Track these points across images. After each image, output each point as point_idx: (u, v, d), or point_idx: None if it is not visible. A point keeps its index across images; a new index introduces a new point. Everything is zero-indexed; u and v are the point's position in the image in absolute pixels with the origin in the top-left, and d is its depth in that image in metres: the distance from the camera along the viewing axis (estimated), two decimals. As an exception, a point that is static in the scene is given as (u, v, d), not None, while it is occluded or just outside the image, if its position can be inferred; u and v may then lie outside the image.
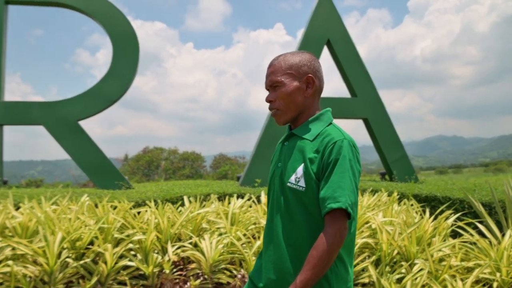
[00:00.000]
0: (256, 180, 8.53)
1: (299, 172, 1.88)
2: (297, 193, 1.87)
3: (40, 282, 4.01)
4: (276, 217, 1.96)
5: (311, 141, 1.91)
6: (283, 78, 1.94)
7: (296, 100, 1.94)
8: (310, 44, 9.66)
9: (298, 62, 1.96)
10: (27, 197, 5.86)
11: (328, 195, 1.76)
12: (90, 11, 8.82)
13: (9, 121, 8.27)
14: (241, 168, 34.33)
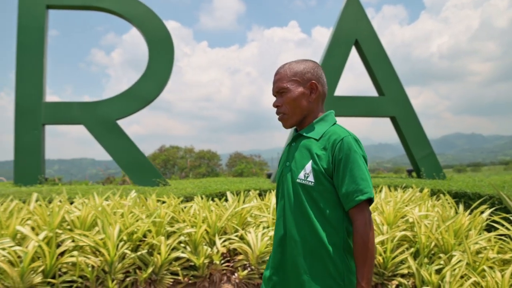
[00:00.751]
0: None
1: (308, 169, 1.99)
2: (306, 188, 1.99)
3: (102, 272, 4.29)
4: (287, 213, 2.06)
5: (317, 140, 2.04)
6: (289, 85, 2.09)
7: (301, 105, 2.09)
8: (339, 44, 9.89)
9: (302, 70, 2.11)
10: (80, 192, 6.18)
11: (353, 189, 1.89)
12: (128, 15, 9.14)
13: (50, 121, 8.61)
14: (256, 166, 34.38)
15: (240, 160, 37.88)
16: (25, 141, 8.43)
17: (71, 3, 8.99)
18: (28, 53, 8.69)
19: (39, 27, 8.80)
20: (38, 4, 8.84)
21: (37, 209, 4.82)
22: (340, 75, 9.93)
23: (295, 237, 2.00)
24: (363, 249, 1.87)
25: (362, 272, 1.87)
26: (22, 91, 8.54)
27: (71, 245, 4.36)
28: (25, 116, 8.48)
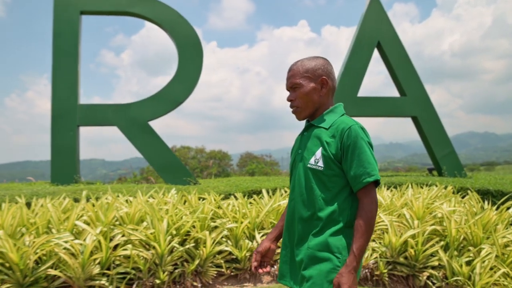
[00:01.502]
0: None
1: (318, 155, 2.15)
2: (316, 172, 2.15)
3: (153, 264, 4.59)
4: (297, 195, 2.24)
5: (327, 129, 2.18)
6: (301, 81, 2.23)
7: (313, 99, 2.23)
8: (362, 46, 10.18)
9: (313, 66, 2.25)
10: (124, 190, 6.50)
11: (361, 172, 2.05)
12: (158, 20, 9.46)
13: (85, 123, 8.96)
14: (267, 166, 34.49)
15: (251, 160, 37.95)
16: (61, 142, 8.77)
17: (104, 9, 9.33)
18: (63, 57, 9.04)
19: (74, 32, 9.15)
20: (72, 10, 9.19)
21: (89, 206, 5.14)
22: (363, 76, 10.21)
23: (303, 216, 2.19)
24: (365, 223, 2.01)
25: (358, 242, 2.00)
26: (57, 94, 8.89)
27: (123, 239, 4.66)
28: (60, 118, 8.83)
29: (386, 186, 7.84)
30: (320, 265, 2.10)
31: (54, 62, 8.99)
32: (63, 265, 4.21)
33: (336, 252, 2.09)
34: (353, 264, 1.99)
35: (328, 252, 2.09)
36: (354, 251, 2.00)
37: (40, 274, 4.11)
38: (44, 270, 4.11)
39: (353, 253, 2.00)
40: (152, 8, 9.46)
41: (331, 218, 2.11)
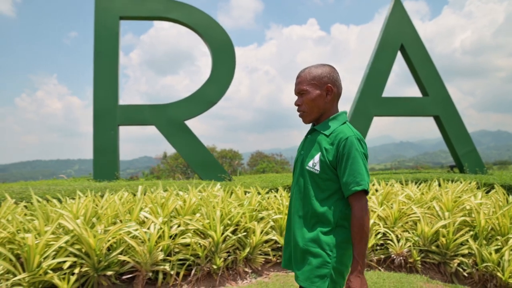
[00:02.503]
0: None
1: (316, 159, 2.34)
2: (312, 174, 2.34)
3: (210, 251, 5.03)
4: (296, 193, 2.45)
5: (327, 136, 2.36)
6: (308, 87, 2.39)
7: (319, 104, 2.40)
8: (385, 49, 10.62)
9: (320, 74, 2.40)
10: (176, 185, 6.99)
11: (351, 180, 2.22)
12: (193, 24, 9.95)
13: (125, 122, 9.46)
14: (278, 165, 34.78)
15: (261, 159, 38.22)
16: (102, 141, 9.27)
17: (141, 14, 9.81)
18: (103, 60, 9.54)
19: (113, 37, 9.65)
20: (112, 16, 9.69)
21: (146, 199, 5.62)
22: (387, 78, 10.65)
23: (299, 213, 2.39)
24: (359, 230, 2.18)
25: (358, 248, 2.18)
26: (99, 95, 9.39)
27: (179, 229, 5.10)
28: (102, 118, 9.33)
29: (412, 182, 8.26)
30: (312, 260, 2.29)
31: (95, 65, 9.48)
32: (132, 252, 4.65)
33: (327, 250, 2.27)
34: (358, 268, 2.16)
35: (319, 249, 2.28)
36: (356, 257, 2.18)
37: (112, 259, 4.56)
38: (115, 255, 4.56)
39: (355, 259, 2.18)
40: (187, 13, 9.94)
41: (323, 217, 2.30)
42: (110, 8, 9.65)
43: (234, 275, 5.15)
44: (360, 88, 10.71)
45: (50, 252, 4.24)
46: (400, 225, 5.79)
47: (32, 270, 4.09)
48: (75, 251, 4.39)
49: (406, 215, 5.96)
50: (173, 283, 4.84)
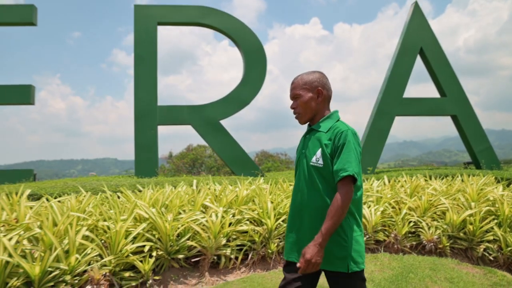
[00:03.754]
0: (368, 168, 10.25)
1: (318, 154, 2.55)
2: (317, 168, 2.54)
3: (264, 237, 5.63)
4: (303, 188, 2.61)
5: (325, 133, 2.59)
6: (301, 91, 2.67)
7: (311, 106, 2.66)
8: (406, 52, 11.30)
9: (311, 80, 2.68)
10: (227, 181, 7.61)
11: (340, 168, 2.42)
12: (227, 30, 10.63)
13: (164, 122, 10.12)
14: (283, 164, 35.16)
15: (266, 159, 38.53)
16: (143, 139, 9.94)
17: (178, 20, 10.49)
18: (143, 63, 10.20)
19: (152, 41, 10.32)
20: (151, 22, 10.35)
21: (204, 191, 6.24)
22: (407, 80, 11.31)
23: (310, 205, 2.54)
24: (335, 209, 2.34)
25: (327, 224, 2.35)
26: (139, 97, 10.05)
27: (237, 218, 5.70)
28: (142, 118, 9.99)
29: (435, 177, 8.90)
30: (330, 246, 2.44)
31: (135, 68, 10.15)
32: (198, 237, 5.24)
33: (342, 235, 2.47)
34: (319, 240, 2.34)
35: (335, 235, 2.46)
36: (322, 230, 2.35)
37: (182, 244, 5.15)
38: (184, 241, 5.16)
39: (321, 232, 2.35)
40: (221, 19, 10.62)
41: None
42: (149, 15, 10.32)
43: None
44: (382, 90, 11.35)
45: (130, 238, 4.83)
46: (429, 215, 6.40)
47: (117, 253, 4.67)
48: (151, 237, 4.99)
49: (434, 206, 6.57)
50: (232, 266, 5.41)
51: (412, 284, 4.78)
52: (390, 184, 7.87)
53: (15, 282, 3.96)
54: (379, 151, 11.10)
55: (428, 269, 5.29)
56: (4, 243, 4.04)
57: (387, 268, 5.31)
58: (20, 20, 10.34)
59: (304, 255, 2.36)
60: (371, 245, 6.11)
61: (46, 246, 4.34)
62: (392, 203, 6.64)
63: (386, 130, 11.06)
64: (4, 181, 9.42)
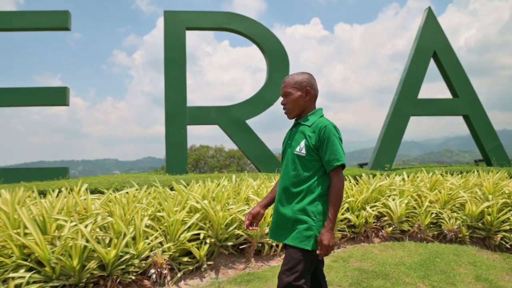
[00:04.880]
0: (385, 166, 10.84)
1: (302, 145, 2.86)
2: (300, 157, 2.85)
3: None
4: (286, 174, 2.94)
5: (309, 126, 2.88)
6: (291, 90, 2.95)
7: (299, 103, 2.95)
8: (420, 56, 11.91)
9: (300, 80, 2.95)
10: (261, 176, 8.15)
11: (332, 158, 2.74)
12: (251, 34, 11.26)
13: (193, 122, 10.72)
14: None
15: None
16: (174, 139, 10.54)
17: (205, 25, 11.13)
18: (172, 66, 10.80)
19: (181, 45, 10.94)
20: (179, 27, 10.97)
21: (244, 185, 6.80)
22: (422, 82, 11.93)
23: (290, 190, 2.86)
24: (336, 196, 2.71)
25: (332, 211, 2.70)
26: (170, 98, 10.66)
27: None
28: (173, 119, 10.58)
29: (450, 173, 9.48)
30: (300, 225, 2.77)
31: (165, 71, 10.75)
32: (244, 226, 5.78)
33: (312, 216, 2.75)
34: (330, 225, 2.68)
35: (306, 216, 2.77)
36: (329, 216, 2.70)
37: (230, 233, 5.67)
38: (232, 230, 5.68)
39: (329, 218, 2.69)
40: (246, 24, 11.25)
41: (309, 190, 2.80)
42: (178, 20, 10.93)
43: (319, 247, 6.30)
44: (398, 91, 11.93)
45: (185, 227, 5.37)
46: (449, 207, 6.96)
47: (175, 241, 5.20)
48: (203, 225, 5.54)
49: (453, 199, 7.13)
50: (273, 253, 5.95)
51: (439, 267, 5.34)
52: (409, 179, 8.45)
53: (92, 265, 4.42)
54: (396, 149, 11.70)
55: (452, 254, 5.85)
56: (82, 230, 4.51)
57: (415, 254, 5.86)
58: (55, 25, 10.93)
59: (322, 242, 2.65)
60: (396, 235, 6.67)
61: (116, 233, 4.86)
62: (415, 196, 7.20)
63: (401, 129, 11.66)
64: (41, 178, 9.90)
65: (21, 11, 11.02)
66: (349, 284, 4.75)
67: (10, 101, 10.76)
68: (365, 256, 5.78)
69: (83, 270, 4.38)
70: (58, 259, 4.27)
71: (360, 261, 5.57)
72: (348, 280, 4.87)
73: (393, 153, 11.59)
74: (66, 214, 5.06)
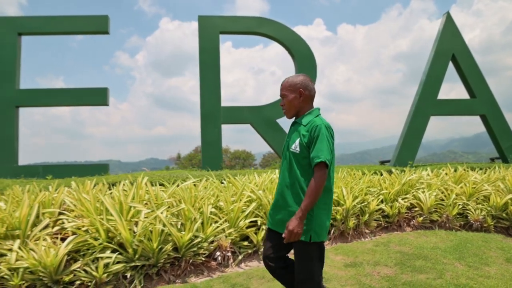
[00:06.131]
0: (409, 162, 11.49)
1: (297, 143, 3.02)
2: (295, 154, 3.02)
3: (343, 216, 6.79)
4: (284, 169, 3.13)
5: (304, 126, 3.04)
6: (287, 92, 3.13)
7: (294, 104, 3.12)
8: (439, 58, 12.58)
9: (295, 82, 3.11)
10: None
11: (315, 155, 2.87)
12: (281, 38, 11.98)
13: (226, 121, 11.42)
14: None
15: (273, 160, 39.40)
16: (209, 137, 11.22)
17: (238, 29, 11.87)
18: (207, 69, 11.49)
19: (215, 48, 11.65)
20: (214, 31, 11.68)
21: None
22: (441, 83, 12.61)
23: (287, 183, 3.06)
24: (312, 189, 2.82)
25: (306, 201, 2.82)
26: (205, 99, 11.37)
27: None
28: (208, 118, 11.28)
29: (470, 169, 10.11)
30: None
31: (200, 72, 11.45)
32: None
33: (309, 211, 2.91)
34: (299, 214, 2.81)
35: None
36: (301, 207, 2.82)
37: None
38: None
39: (300, 208, 2.83)
40: (275, 29, 11.95)
41: (304, 185, 2.95)
42: (212, 25, 11.64)
43: (358, 235, 6.90)
44: (418, 92, 12.60)
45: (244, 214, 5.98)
46: (474, 199, 7.58)
47: (235, 227, 5.79)
48: (258, 213, 6.17)
49: (477, 192, 7.74)
50: None
51: (471, 251, 5.97)
52: (433, 174, 9.08)
53: (168, 247, 4.98)
54: (417, 147, 12.38)
55: (480, 241, 6.48)
56: (160, 216, 5.11)
57: (446, 240, 6.48)
58: (96, 29, 11.64)
59: (288, 227, 2.83)
60: (426, 224, 7.28)
61: (186, 219, 5.48)
62: (442, 189, 7.83)
63: (422, 129, 12.35)
64: (84, 174, 10.50)
65: (63, 16, 11.68)
66: (394, 264, 5.37)
67: (56, 101, 11.45)
68: (402, 241, 6.39)
69: (160, 252, 4.94)
70: (140, 241, 4.84)
71: (399, 246, 6.20)
72: (393, 260, 5.50)
73: (414, 151, 12.26)
74: (139, 203, 5.68)
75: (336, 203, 6.93)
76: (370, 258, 5.59)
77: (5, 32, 11.39)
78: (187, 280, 5.02)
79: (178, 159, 43.96)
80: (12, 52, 11.35)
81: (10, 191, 6.59)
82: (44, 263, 4.35)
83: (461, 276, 4.97)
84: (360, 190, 7.24)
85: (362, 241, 6.61)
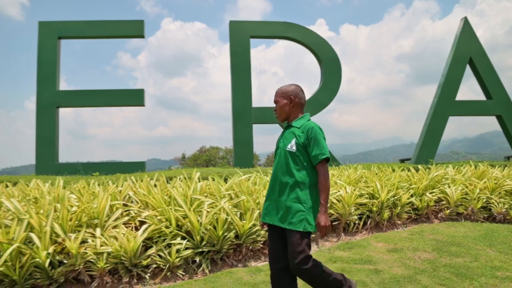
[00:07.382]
0: (430, 160, 12.11)
1: (293, 143, 3.27)
2: (291, 153, 3.26)
3: (377, 208, 7.37)
4: (279, 168, 3.33)
5: (298, 128, 3.31)
6: (279, 98, 3.43)
7: (285, 109, 3.41)
8: (457, 62, 13.21)
9: (287, 90, 3.42)
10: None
11: (318, 153, 3.15)
12: (307, 42, 12.62)
13: (257, 121, 12.03)
14: None
15: None
16: (241, 136, 11.85)
17: (267, 34, 12.53)
18: (239, 71, 12.13)
19: (246, 52, 12.28)
20: (244, 35, 12.32)
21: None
22: (459, 85, 13.25)
23: (283, 181, 3.27)
24: (324, 184, 3.13)
25: (323, 197, 3.11)
26: (237, 99, 12.00)
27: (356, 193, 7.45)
28: (240, 118, 11.90)
29: (487, 166, 10.72)
30: (293, 210, 3.17)
31: (232, 75, 12.11)
32: (334, 206, 6.98)
33: (303, 202, 3.15)
34: (323, 209, 3.08)
35: (298, 203, 3.17)
36: (322, 202, 3.11)
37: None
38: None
39: (321, 203, 3.10)
40: (302, 33, 12.60)
41: (300, 181, 3.19)
42: (242, 29, 12.29)
43: (391, 226, 7.48)
44: (437, 94, 13.24)
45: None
46: (496, 193, 8.18)
47: None
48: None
49: (499, 187, 8.35)
50: (355, 230, 7.14)
51: (499, 239, 6.55)
52: (455, 170, 9.70)
53: (231, 234, 5.49)
54: (436, 146, 13.05)
55: (505, 231, 7.07)
56: (224, 207, 5.63)
57: (474, 230, 7.08)
58: (132, 33, 12.30)
59: (320, 224, 3.07)
60: (453, 216, 7.86)
61: (246, 209, 5.99)
62: (466, 184, 8.43)
63: (441, 128, 13.01)
64: (121, 172, 10.94)
65: (102, 20, 12.32)
66: (432, 249, 5.98)
67: (95, 101, 12.06)
68: (435, 231, 6.99)
69: (224, 239, 5.41)
70: (206, 229, 5.38)
71: (432, 234, 6.81)
72: (430, 247, 6.10)
73: (433, 149, 12.93)
74: (201, 195, 6.29)
75: (371, 196, 7.51)
76: (409, 245, 6.18)
77: (46, 36, 12.02)
78: (247, 264, 5.54)
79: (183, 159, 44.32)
80: (53, 55, 11.97)
81: (77, 186, 7.16)
82: (125, 248, 4.86)
83: (494, 259, 5.56)
84: (392, 184, 7.81)
85: (397, 231, 7.14)
